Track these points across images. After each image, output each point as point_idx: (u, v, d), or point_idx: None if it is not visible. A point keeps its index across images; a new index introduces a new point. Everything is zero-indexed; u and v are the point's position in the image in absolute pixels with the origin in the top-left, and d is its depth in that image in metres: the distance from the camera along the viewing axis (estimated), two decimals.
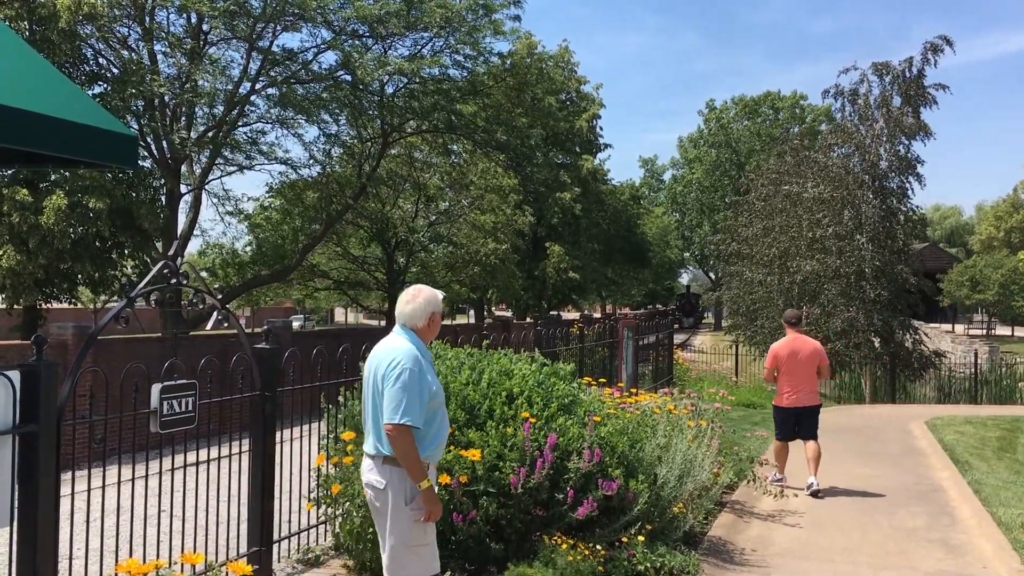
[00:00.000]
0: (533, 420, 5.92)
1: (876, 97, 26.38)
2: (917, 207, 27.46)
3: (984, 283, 52.69)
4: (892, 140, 25.88)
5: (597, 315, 47.73)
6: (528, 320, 30.90)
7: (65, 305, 22.49)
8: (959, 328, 52.86)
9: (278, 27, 18.73)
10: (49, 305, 21.12)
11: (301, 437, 6.54)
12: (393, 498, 4.17)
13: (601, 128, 43.03)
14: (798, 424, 9.53)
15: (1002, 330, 60.67)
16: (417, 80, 20.40)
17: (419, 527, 4.18)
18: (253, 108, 20.26)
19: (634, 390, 10.44)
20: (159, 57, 18.91)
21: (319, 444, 6.38)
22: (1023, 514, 7.98)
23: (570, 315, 40.79)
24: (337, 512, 6.03)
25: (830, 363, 10.83)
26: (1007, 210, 73.46)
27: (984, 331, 57.48)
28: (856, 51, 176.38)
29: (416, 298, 4.35)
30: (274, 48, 19.52)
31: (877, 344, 24.95)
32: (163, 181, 19.16)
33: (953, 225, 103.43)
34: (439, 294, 4.46)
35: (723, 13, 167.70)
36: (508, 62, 21.81)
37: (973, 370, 23.81)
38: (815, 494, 9.02)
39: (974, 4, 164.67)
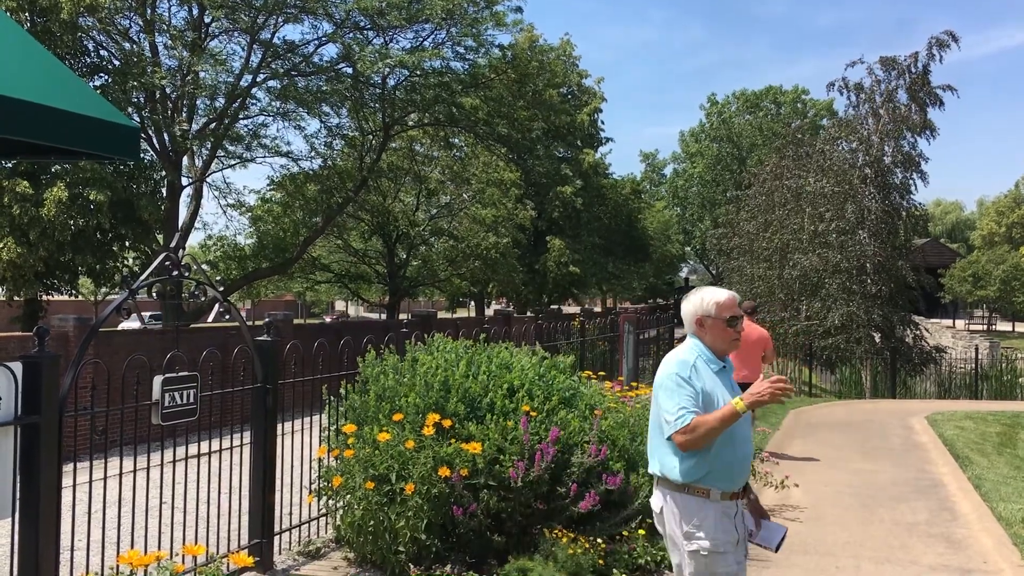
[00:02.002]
0: (534, 414, 5.93)
1: (882, 92, 26.35)
2: (920, 203, 27.46)
3: (985, 279, 52.69)
4: (897, 136, 25.85)
5: (597, 309, 47.72)
6: (529, 314, 30.92)
7: (66, 297, 22.49)
8: (960, 324, 52.87)
9: (279, 19, 18.69)
10: (50, 297, 21.13)
11: (302, 430, 6.54)
12: (668, 524, 3.71)
13: (602, 122, 43.05)
14: None
15: (1003, 326, 60.70)
16: (418, 73, 20.36)
17: (699, 559, 3.59)
18: (254, 101, 20.25)
19: (635, 384, 10.44)
20: (160, 49, 18.88)
21: (320, 436, 6.38)
22: (1023, 509, 7.98)
23: (570, 309, 40.81)
24: (338, 504, 6.04)
25: (774, 347, 13.24)
26: (1009, 205, 73.43)
27: (985, 327, 57.51)
28: (862, 46, 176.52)
29: (686, 301, 3.88)
30: (275, 40, 19.50)
31: (878, 339, 24.97)
32: (164, 174, 19.14)
33: (954, 220, 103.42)
34: (715, 295, 3.81)
35: (728, 6, 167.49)
36: (509, 54, 21.78)
37: (974, 365, 23.82)
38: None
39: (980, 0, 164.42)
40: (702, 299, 3.81)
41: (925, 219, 29.89)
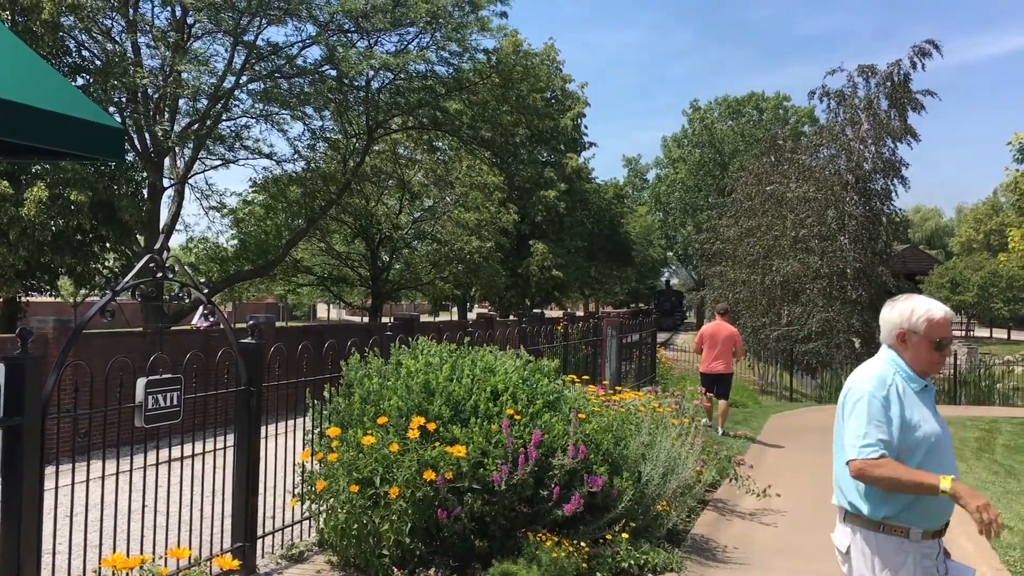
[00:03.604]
0: (518, 417, 5.93)
1: (861, 99, 26.56)
2: (900, 209, 27.69)
3: (964, 285, 53.16)
4: (877, 142, 26.06)
5: (580, 313, 47.79)
6: (512, 318, 30.94)
7: (45, 299, 22.35)
8: None
9: (263, 21, 18.62)
10: (29, 298, 20.96)
11: (286, 432, 6.52)
12: (857, 567, 3.29)
13: (586, 127, 43.16)
14: (715, 386, 12.74)
15: (981, 331, 61.23)
16: (403, 76, 20.34)
17: None
18: (237, 102, 20.16)
19: (618, 388, 10.47)
20: (143, 50, 18.77)
21: (304, 439, 6.36)
22: (1002, 514, 8.04)
23: (553, 313, 40.84)
24: (321, 508, 6.02)
25: (744, 345, 15.55)
26: (987, 213, 74.19)
27: (963, 332, 57.97)
28: (846, 53, 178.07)
29: (890, 308, 3.41)
30: (259, 42, 19.42)
31: (857, 344, 25.14)
32: (145, 175, 19.02)
33: (934, 227, 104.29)
34: (929, 311, 3.31)
35: (714, 13, 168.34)
36: (494, 59, 21.80)
37: (952, 371, 24.02)
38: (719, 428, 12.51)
39: (961, 8, 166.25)
40: (912, 311, 3.33)
41: (905, 225, 30.15)
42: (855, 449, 3.18)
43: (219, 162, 21.27)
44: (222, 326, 5.24)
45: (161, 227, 19.65)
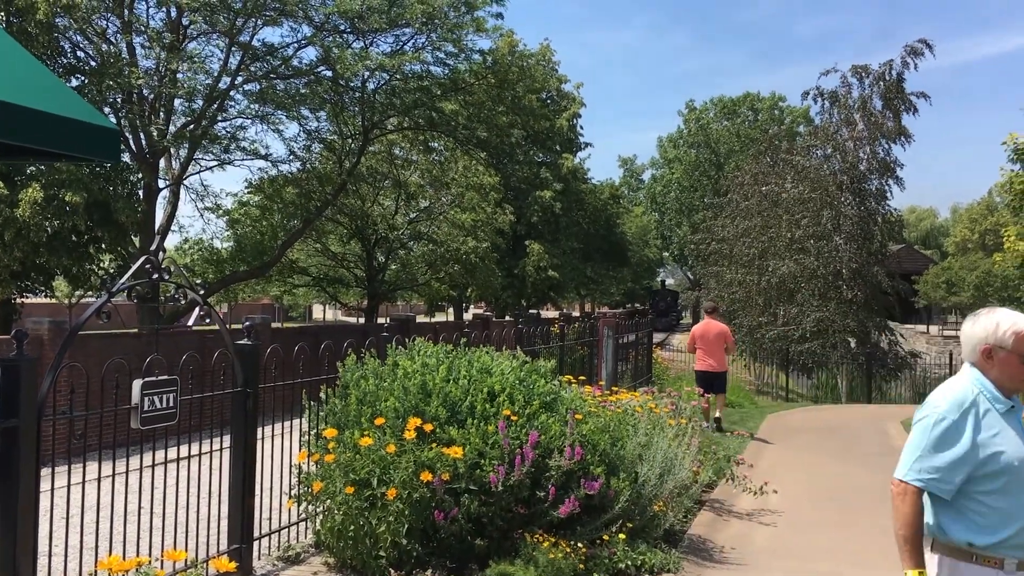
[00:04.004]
0: (515, 418, 5.93)
1: (855, 99, 26.60)
2: (895, 209, 27.75)
3: (959, 285, 53.26)
4: (872, 143, 26.10)
5: (576, 314, 47.79)
6: (508, 318, 30.95)
7: (40, 300, 22.29)
8: (934, 329, 53.40)
9: (259, 22, 18.59)
10: (24, 299, 20.90)
11: (283, 434, 6.51)
12: None
13: (581, 127, 43.19)
14: (711, 383, 13.07)
15: None
16: (398, 76, 20.33)
17: None
18: (233, 103, 20.13)
19: (615, 388, 10.47)
20: (138, 50, 18.74)
21: (300, 441, 6.35)
22: None
23: (549, 314, 40.83)
24: (318, 509, 6.01)
25: (735, 342, 16.07)
26: (982, 213, 74.31)
27: (958, 332, 57.99)
28: (844, 54, 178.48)
29: (972, 323, 3.20)
30: (254, 43, 19.40)
31: (853, 344, 25.19)
32: (141, 176, 18.98)
33: (929, 227, 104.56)
34: (1015, 323, 3.08)
35: (711, 14, 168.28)
36: (489, 60, 21.80)
37: (948, 371, 24.07)
38: (718, 422, 12.98)
39: (959, 8, 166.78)
40: (997, 325, 3.10)
41: (900, 225, 30.20)
42: (904, 468, 3.07)
43: (215, 163, 21.26)
44: (208, 321, 5.21)
45: (156, 228, 19.62)
